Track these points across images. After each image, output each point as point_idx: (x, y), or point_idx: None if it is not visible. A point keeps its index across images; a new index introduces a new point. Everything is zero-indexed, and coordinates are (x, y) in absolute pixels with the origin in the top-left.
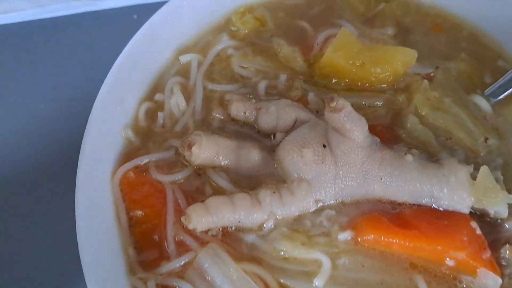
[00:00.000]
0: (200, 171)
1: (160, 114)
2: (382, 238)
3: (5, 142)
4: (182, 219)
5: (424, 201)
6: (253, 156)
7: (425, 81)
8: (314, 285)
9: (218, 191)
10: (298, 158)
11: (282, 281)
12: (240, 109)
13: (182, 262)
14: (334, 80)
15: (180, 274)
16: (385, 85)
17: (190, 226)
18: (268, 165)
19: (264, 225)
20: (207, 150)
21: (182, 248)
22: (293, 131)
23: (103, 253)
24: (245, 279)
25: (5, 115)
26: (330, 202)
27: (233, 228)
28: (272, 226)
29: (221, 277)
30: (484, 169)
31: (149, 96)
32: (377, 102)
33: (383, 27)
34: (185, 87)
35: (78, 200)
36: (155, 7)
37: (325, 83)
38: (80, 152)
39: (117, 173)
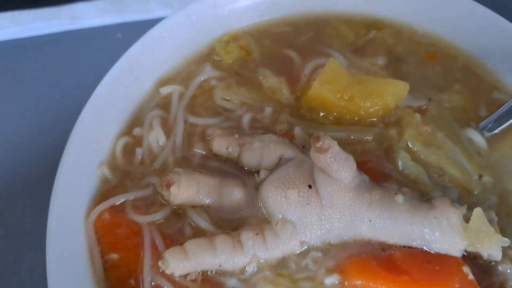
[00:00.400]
0: (180, 211)
1: (138, 150)
2: (371, 284)
3: None
4: (160, 263)
5: (415, 244)
6: (235, 194)
7: (417, 115)
8: None
9: (199, 232)
10: (282, 198)
11: None
12: (222, 145)
13: None
14: (321, 114)
15: None
16: (375, 119)
17: (168, 271)
18: (251, 204)
19: (247, 268)
20: (186, 190)
21: None
22: (277, 169)
23: None
24: None
25: None
26: (316, 243)
27: (213, 272)
28: (256, 269)
29: None
30: (477, 211)
31: (127, 130)
32: (367, 137)
33: (374, 57)
34: (165, 121)
35: (49, 244)
36: (140, 26)
37: (312, 116)
38: (52, 192)
39: (92, 214)
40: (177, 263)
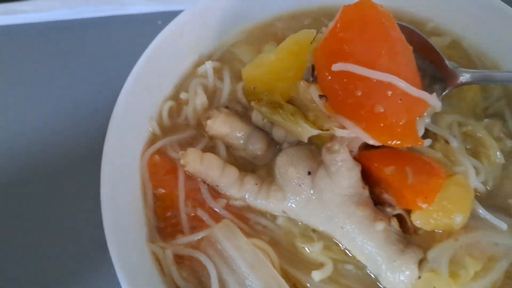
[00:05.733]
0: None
1: (184, 108)
2: None
3: (33, 132)
4: (180, 153)
5: (370, 267)
6: (257, 148)
7: None
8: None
9: None
10: (284, 171)
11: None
12: (259, 117)
13: (200, 236)
14: None
15: (195, 246)
16: None
17: (182, 162)
18: (266, 159)
19: (233, 201)
20: (219, 127)
21: (197, 223)
22: (297, 146)
23: (125, 221)
24: (254, 251)
25: (33, 109)
26: (296, 219)
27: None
28: (242, 204)
29: (232, 249)
30: (427, 276)
31: (174, 95)
32: None
33: None
34: (207, 87)
35: (104, 175)
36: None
37: None
38: (106, 138)
39: (145, 155)
40: (191, 161)
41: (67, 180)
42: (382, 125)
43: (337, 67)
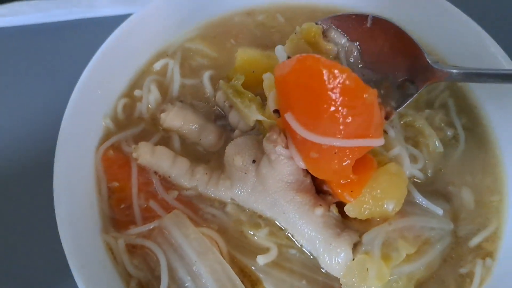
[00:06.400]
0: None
1: (138, 104)
2: None
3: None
4: (132, 147)
5: (310, 249)
6: (210, 139)
7: None
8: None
9: None
10: (231, 160)
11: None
12: (221, 98)
13: (151, 226)
14: None
15: (147, 235)
16: None
17: (134, 155)
18: (217, 149)
19: (184, 192)
20: (172, 120)
21: (149, 213)
22: (246, 135)
23: (78, 213)
24: (201, 238)
25: (7, 110)
26: (244, 206)
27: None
28: (193, 193)
29: (181, 238)
30: (360, 258)
31: (128, 92)
32: None
33: None
34: (162, 83)
35: (57, 170)
36: None
37: None
38: (59, 134)
39: (100, 150)
40: (143, 154)
41: (22, 179)
42: (317, 165)
43: (286, 116)
